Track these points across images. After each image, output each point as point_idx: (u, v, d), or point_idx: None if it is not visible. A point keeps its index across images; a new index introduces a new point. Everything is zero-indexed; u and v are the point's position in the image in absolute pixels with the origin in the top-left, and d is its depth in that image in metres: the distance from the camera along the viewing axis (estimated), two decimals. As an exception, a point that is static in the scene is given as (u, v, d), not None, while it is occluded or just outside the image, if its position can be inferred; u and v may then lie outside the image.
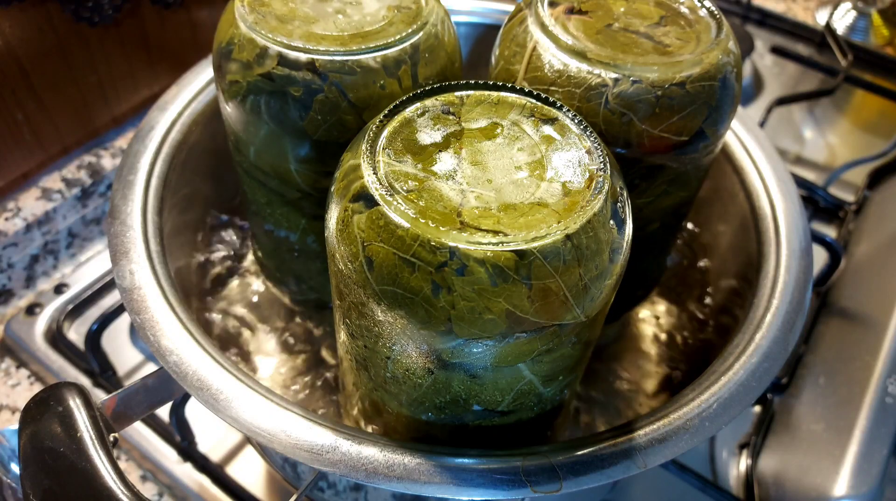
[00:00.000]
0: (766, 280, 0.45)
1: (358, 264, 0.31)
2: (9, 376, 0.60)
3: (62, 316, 0.63)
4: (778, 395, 0.61)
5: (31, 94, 0.63)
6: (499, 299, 0.29)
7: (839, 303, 0.68)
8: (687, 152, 0.42)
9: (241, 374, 0.38)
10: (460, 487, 0.34)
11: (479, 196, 0.30)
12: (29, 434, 0.32)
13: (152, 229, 0.44)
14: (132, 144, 0.49)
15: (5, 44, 0.58)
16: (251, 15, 0.40)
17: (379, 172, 0.31)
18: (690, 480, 0.54)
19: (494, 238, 0.29)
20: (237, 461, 0.56)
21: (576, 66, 0.40)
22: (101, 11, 0.63)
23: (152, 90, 0.74)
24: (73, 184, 0.68)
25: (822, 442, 0.56)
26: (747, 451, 0.57)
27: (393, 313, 0.31)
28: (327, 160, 0.42)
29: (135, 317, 0.39)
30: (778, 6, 1.05)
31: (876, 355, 0.61)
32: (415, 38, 0.40)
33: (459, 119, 0.34)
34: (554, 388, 0.36)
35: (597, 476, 0.35)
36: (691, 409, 0.38)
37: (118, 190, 0.46)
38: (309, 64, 0.39)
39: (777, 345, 0.41)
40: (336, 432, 0.36)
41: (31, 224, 0.65)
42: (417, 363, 0.33)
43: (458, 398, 0.34)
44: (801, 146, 0.86)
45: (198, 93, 0.53)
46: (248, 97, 0.41)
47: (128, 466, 0.56)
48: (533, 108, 0.35)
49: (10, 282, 0.65)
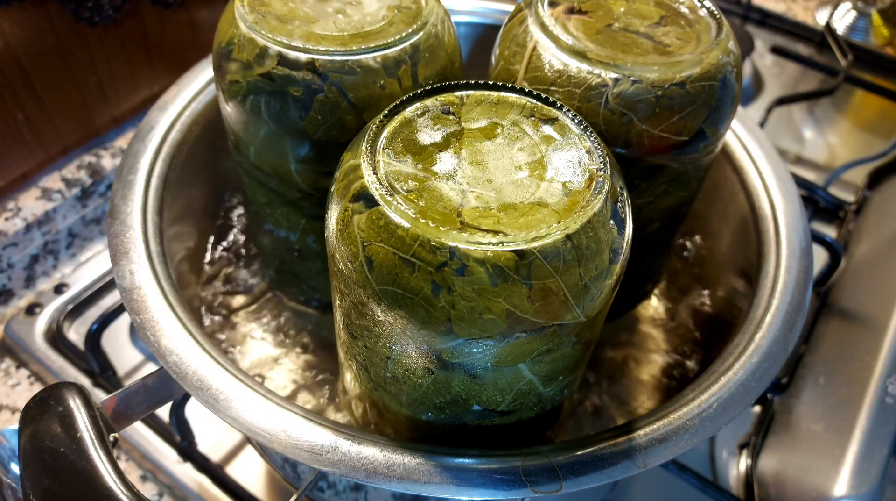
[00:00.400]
0: (766, 280, 0.45)
1: (358, 264, 0.31)
2: (9, 376, 0.60)
3: (62, 316, 0.63)
4: (778, 395, 0.61)
5: (31, 94, 0.63)
6: (499, 299, 0.29)
7: (839, 303, 0.68)
8: (687, 152, 0.42)
9: (241, 374, 0.38)
10: (460, 487, 0.34)
11: (479, 196, 0.30)
12: (29, 434, 0.32)
13: (152, 229, 0.44)
14: (132, 144, 0.49)
15: (5, 44, 0.58)
16: (251, 15, 0.40)
17: (379, 172, 0.31)
18: (690, 480, 0.54)
19: (494, 238, 0.29)
20: (237, 461, 0.56)
21: (576, 66, 0.40)
22: (101, 11, 0.63)
23: (152, 90, 0.74)
24: (73, 184, 0.68)
25: (822, 442, 0.56)
26: (747, 451, 0.57)
27: (393, 313, 0.30)
28: (327, 160, 0.42)
29: (135, 317, 0.39)
30: (778, 6, 1.05)
31: (876, 355, 0.61)
32: (415, 38, 0.40)
33: (459, 119, 0.34)
34: (554, 388, 0.36)
35: (597, 476, 0.35)
36: (691, 409, 0.38)
37: (118, 190, 0.46)
38: (309, 64, 0.39)
39: (777, 345, 0.41)
40: (336, 432, 0.36)
41: (31, 224, 0.65)
42: (417, 363, 0.33)
43: (458, 398, 0.34)
44: (801, 146, 0.86)
45: (198, 93, 0.53)
46: (248, 97, 0.41)
47: (128, 466, 0.56)
48: (533, 108, 0.35)
49: (10, 282, 0.65)
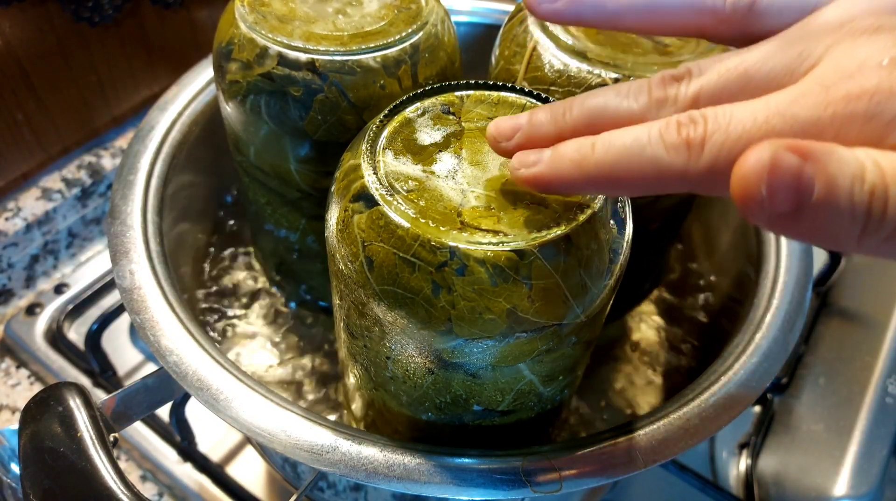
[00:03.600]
0: (766, 280, 0.45)
1: (358, 264, 0.31)
2: (9, 376, 0.60)
3: (62, 316, 0.63)
4: (778, 395, 0.61)
5: (31, 94, 0.63)
6: (499, 298, 0.29)
7: (839, 303, 0.68)
8: (687, 152, 0.42)
9: (240, 374, 0.38)
10: (460, 487, 0.34)
11: (479, 196, 0.30)
12: (29, 434, 0.32)
13: (152, 229, 0.44)
14: (132, 144, 0.49)
15: (5, 44, 0.58)
16: (251, 15, 0.40)
17: (379, 172, 0.31)
18: (690, 480, 0.54)
19: (494, 238, 0.29)
20: (237, 461, 0.56)
21: (576, 66, 0.40)
22: (101, 11, 0.63)
23: (152, 90, 0.74)
24: (73, 184, 0.68)
25: (822, 442, 0.56)
26: (747, 451, 0.57)
27: (393, 313, 0.31)
28: (327, 160, 0.42)
29: (135, 317, 0.39)
30: (778, 6, 1.05)
31: (876, 355, 0.61)
32: (415, 38, 0.40)
33: (459, 119, 0.34)
34: (554, 388, 0.36)
35: (597, 476, 0.35)
36: (691, 409, 0.38)
37: (118, 190, 0.46)
38: (309, 64, 0.39)
39: (777, 345, 0.41)
40: (336, 432, 0.36)
41: (31, 224, 0.65)
42: (418, 363, 0.33)
43: (459, 398, 0.34)
44: (801, 146, 0.86)
45: (198, 93, 0.53)
46: (248, 97, 0.41)
47: (128, 466, 0.56)
48: (533, 108, 0.35)
49: (10, 282, 0.65)
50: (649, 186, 0.24)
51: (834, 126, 0.21)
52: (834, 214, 0.19)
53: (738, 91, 0.24)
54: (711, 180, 0.22)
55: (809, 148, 0.19)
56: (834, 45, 0.23)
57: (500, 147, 0.30)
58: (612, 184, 0.25)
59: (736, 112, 0.23)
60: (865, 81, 0.21)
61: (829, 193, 0.19)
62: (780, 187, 0.19)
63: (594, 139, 0.25)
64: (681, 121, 0.23)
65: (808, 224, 0.19)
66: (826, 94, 0.22)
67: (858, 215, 0.19)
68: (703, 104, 0.25)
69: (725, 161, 0.22)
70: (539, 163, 0.27)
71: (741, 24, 0.27)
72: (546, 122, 0.28)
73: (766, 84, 0.24)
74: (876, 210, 0.19)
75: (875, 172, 0.19)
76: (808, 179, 0.19)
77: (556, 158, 0.27)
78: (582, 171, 0.26)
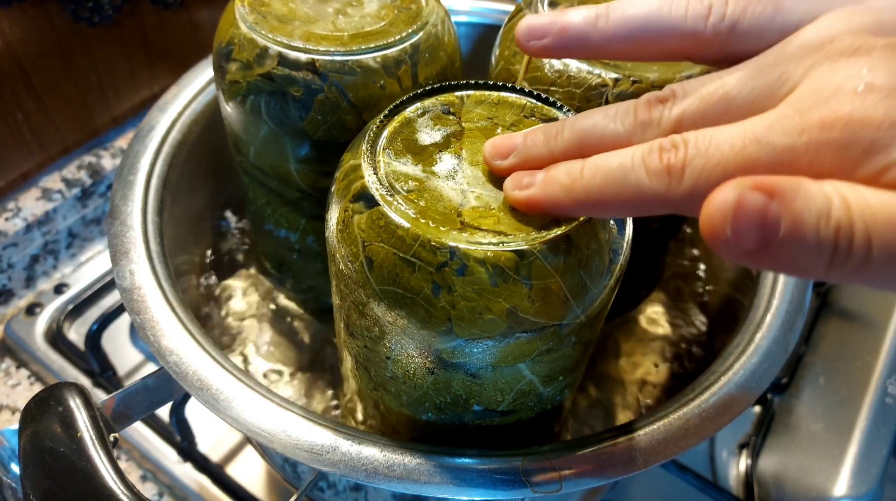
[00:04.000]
0: (766, 280, 0.45)
1: (358, 264, 0.31)
2: (9, 376, 0.60)
3: (62, 316, 0.63)
4: (778, 395, 0.61)
5: (31, 94, 0.63)
6: (499, 299, 0.29)
7: (839, 303, 0.68)
8: (687, 152, 0.42)
9: (241, 374, 0.38)
10: (460, 487, 0.34)
11: (479, 196, 0.30)
12: (29, 434, 0.32)
13: (152, 229, 0.44)
14: (132, 144, 0.49)
15: (5, 44, 0.58)
16: (251, 15, 0.40)
17: (379, 172, 0.31)
18: (690, 480, 0.54)
19: (495, 238, 0.29)
20: (237, 461, 0.56)
21: (576, 66, 0.40)
22: (101, 11, 0.63)
23: (152, 90, 0.74)
24: (73, 184, 0.68)
25: (822, 442, 0.56)
26: (747, 451, 0.58)
27: (393, 313, 0.31)
28: (327, 160, 0.42)
29: (135, 317, 0.39)
30: (778, 6, 1.05)
31: (876, 355, 0.61)
32: (415, 38, 0.40)
33: (460, 119, 0.34)
34: (554, 388, 0.36)
35: (597, 476, 0.35)
36: (691, 409, 0.38)
37: (118, 190, 0.46)
38: (309, 64, 0.39)
39: (777, 345, 0.41)
40: (336, 432, 0.36)
41: (31, 224, 0.65)
42: (418, 363, 0.33)
43: (459, 398, 0.34)
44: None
45: (198, 93, 0.53)
46: (248, 97, 0.41)
47: (128, 466, 0.56)
48: (533, 108, 0.35)
49: (10, 282, 0.65)
50: (635, 210, 0.25)
51: (808, 153, 0.22)
52: (801, 249, 0.20)
53: (719, 115, 0.25)
54: (692, 204, 0.23)
55: (776, 185, 0.20)
56: (813, 68, 0.23)
57: (496, 166, 0.31)
58: (600, 207, 0.26)
59: (715, 137, 0.23)
60: (840, 108, 0.21)
61: (795, 229, 0.20)
62: (744, 227, 0.20)
63: (583, 163, 0.26)
64: (663, 146, 0.24)
65: (775, 258, 0.20)
66: (801, 119, 0.22)
67: (825, 250, 0.20)
68: (686, 127, 0.25)
69: (705, 186, 0.22)
70: (532, 186, 0.28)
71: (723, 47, 0.27)
72: (539, 143, 0.29)
73: (746, 107, 0.24)
74: (842, 245, 0.20)
75: (841, 207, 0.20)
76: (773, 216, 0.20)
77: (547, 181, 0.28)
78: (571, 195, 0.27)
